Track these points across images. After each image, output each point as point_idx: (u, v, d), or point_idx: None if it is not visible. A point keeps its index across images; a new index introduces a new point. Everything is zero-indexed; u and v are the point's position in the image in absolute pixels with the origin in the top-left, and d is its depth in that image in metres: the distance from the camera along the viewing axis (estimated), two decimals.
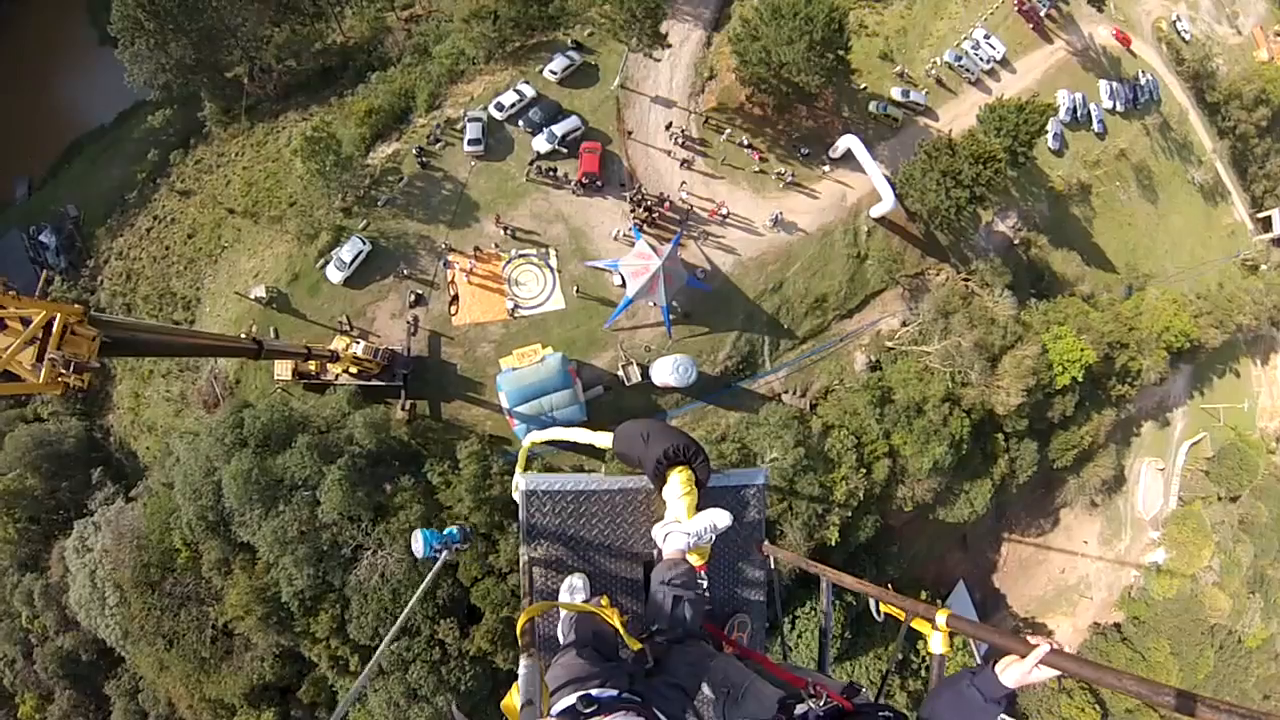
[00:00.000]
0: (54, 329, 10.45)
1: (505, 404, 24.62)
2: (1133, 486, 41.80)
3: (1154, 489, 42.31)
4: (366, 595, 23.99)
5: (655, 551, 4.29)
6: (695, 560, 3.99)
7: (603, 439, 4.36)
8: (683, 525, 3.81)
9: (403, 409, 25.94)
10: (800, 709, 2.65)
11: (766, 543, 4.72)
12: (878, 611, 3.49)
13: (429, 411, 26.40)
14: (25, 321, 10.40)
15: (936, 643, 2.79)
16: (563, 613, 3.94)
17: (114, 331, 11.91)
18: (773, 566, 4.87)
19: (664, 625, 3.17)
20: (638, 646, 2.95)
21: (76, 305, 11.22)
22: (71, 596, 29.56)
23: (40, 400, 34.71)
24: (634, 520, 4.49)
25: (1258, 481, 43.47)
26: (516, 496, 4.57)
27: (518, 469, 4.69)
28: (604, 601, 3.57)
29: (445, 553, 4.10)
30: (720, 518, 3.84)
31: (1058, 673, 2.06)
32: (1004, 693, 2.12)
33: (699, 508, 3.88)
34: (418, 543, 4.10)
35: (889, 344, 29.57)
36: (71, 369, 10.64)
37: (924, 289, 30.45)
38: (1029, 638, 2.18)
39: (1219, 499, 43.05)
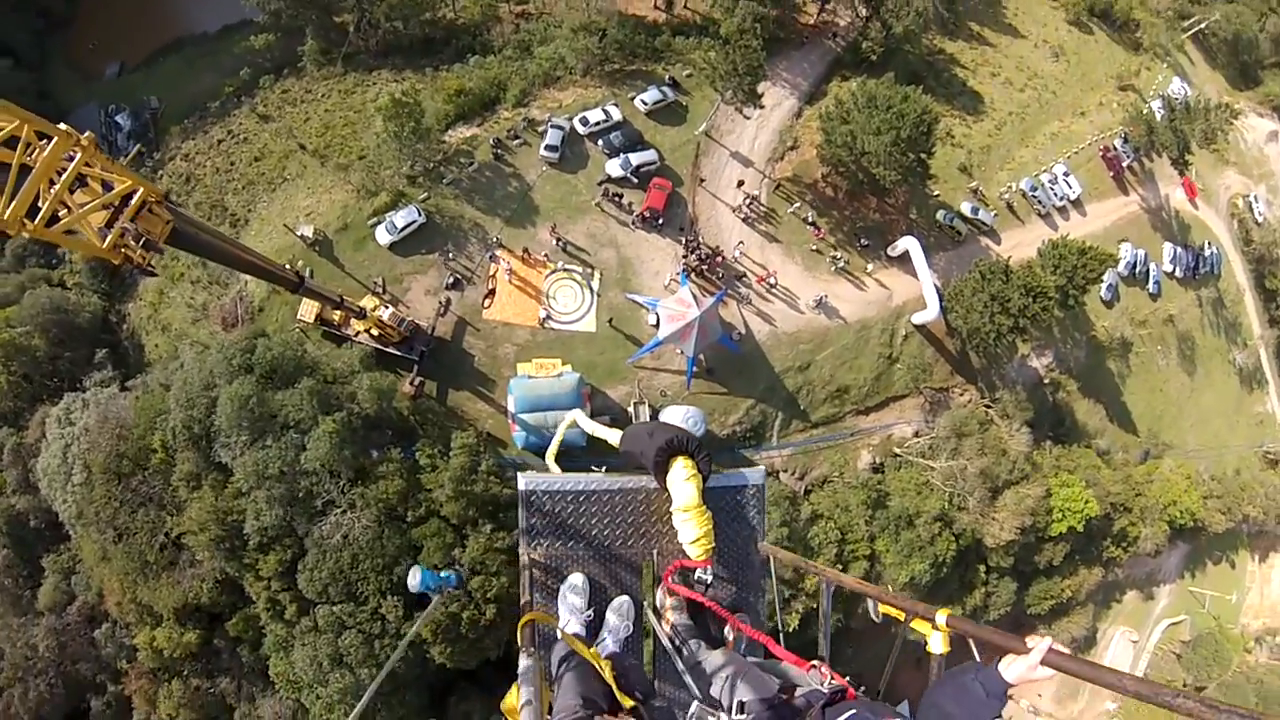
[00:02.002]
0: (133, 202, 10.46)
1: (511, 408, 24.68)
2: (1102, 651, 40.84)
3: (1122, 659, 41.29)
4: (325, 552, 23.84)
5: (654, 552, 4.30)
6: (699, 555, 4.00)
7: (614, 436, 4.61)
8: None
9: (411, 384, 26.06)
10: (802, 690, 2.61)
11: (765, 543, 4.68)
12: (876, 613, 3.48)
13: (435, 393, 26.51)
14: (107, 186, 10.45)
15: (936, 643, 2.77)
16: (558, 635, 3.92)
17: (183, 223, 11.99)
18: (772, 567, 4.85)
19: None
20: (630, 704, 2.92)
21: (159, 187, 11.41)
22: (40, 462, 29.72)
23: (69, 268, 35.31)
24: (634, 520, 4.46)
25: (1227, 677, 42.31)
26: (550, 462, 4.61)
27: (554, 443, 4.85)
28: (595, 652, 3.52)
29: (439, 595, 4.14)
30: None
31: (1055, 672, 2.06)
32: (1006, 688, 2.15)
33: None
34: (414, 578, 4.14)
35: (896, 450, 29.38)
36: (140, 244, 10.74)
37: (944, 405, 30.31)
38: (1028, 639, 2.17)
39: (1185, 685, 41.90)
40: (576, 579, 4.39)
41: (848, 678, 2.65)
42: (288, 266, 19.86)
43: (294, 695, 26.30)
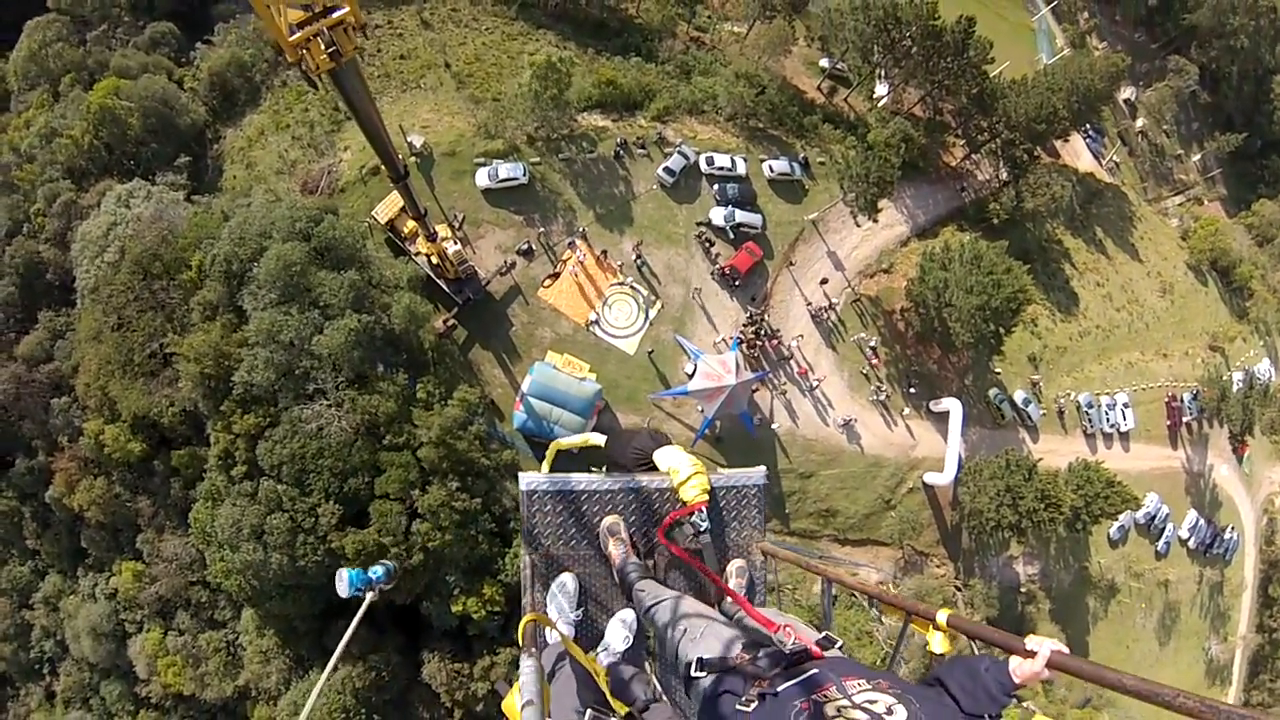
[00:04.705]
0: (334, 15, 10.49)
1: (524, 388, 24.83)
2: None
3: None
4: (296, 433, 24.01)
5: (656, 552, 4.28)
6: (695, 496, 3.98)
7: (598, 437, 4.73)
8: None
9: (444, 322, 26.38)
10: (765, 650, 2.53)
11: (765, 542, 4.63)
12: (877, 613, 3.39)
13: (461, 341, 26.76)
14: None
15: (937, 643, 2.72)
16: (554, 636, 3.83)
17: (354, 63, 11.69)
18: (774, 567, 4.74)
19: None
20: (624, 711, 2.85)
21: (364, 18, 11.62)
22: (83, 226, 30.49)
23: (193, 72, 36.50)
24: (636, 521, 4.42)
25: None
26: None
27: (545, 465, 4.74)
28: (591, 658, 3.47)
29: (370, 593, 4.08)
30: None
31: (1054, 674, 2.06)
32: (1014, 688, 2.15)
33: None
34: (342, 583, 4.09)
35: (855, 590, 28.90)
36: (329, 50, 10.65)
37: (918, 569, 29.82)
38: (1027, 640, 2.18)
39: None
40: (566, 579, 4.36)
41: (825, 634, 2.56)
42: (402, 158, 20.12)
43: (201, 546, 26.40)
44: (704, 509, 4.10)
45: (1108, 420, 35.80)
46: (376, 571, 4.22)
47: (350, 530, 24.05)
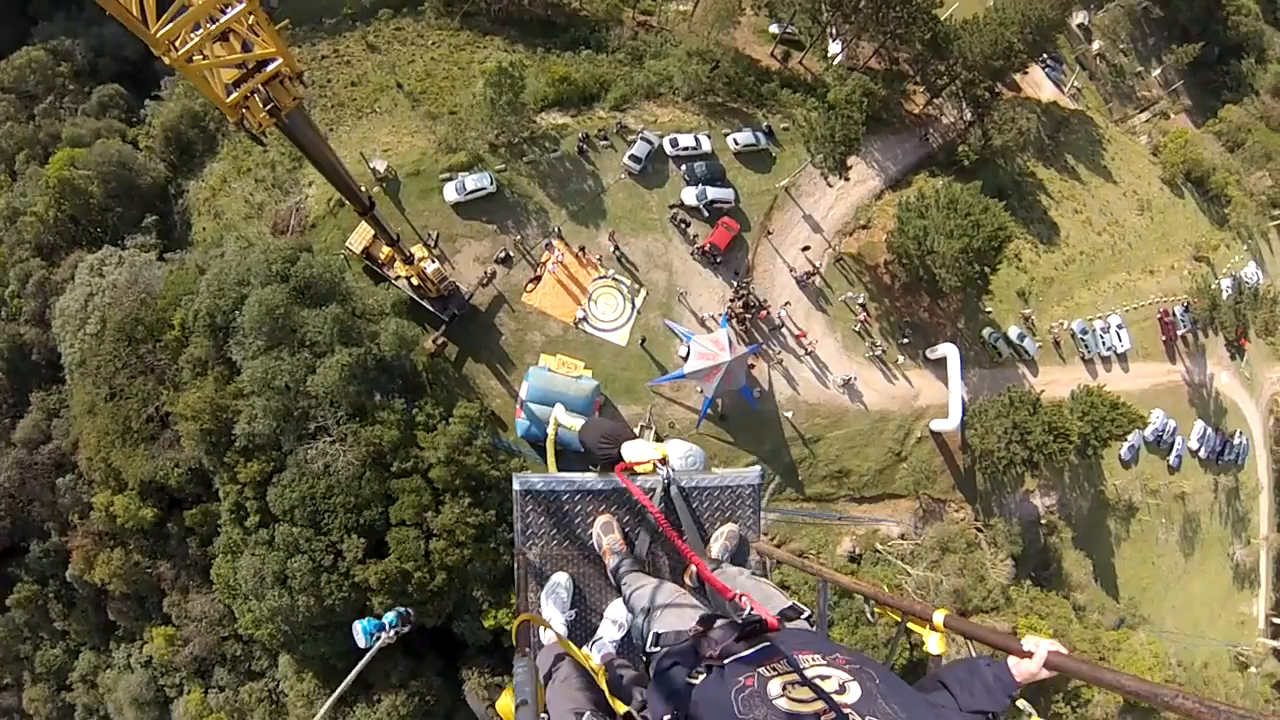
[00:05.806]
0: (268, 69, 10.25)
1: (523, 394, 24.81)
2: None
3: None
4: (304, 475, 23.96)
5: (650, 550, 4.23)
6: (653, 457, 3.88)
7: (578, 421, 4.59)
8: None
9: (434, 342, 26.29)
10: (721, 623, 2.49)
11: (761, 542, 4.60)
12: (872, 613, 3.39)
13: (453, 358, 26.71)
14: (246, 47, 10.24)
15: (934, 644, 2.71)
16: (548, 636, 3.79)
17: (298, 112, 11.44)
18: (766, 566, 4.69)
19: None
20: (623, 710, 2.82)
21: (300, 65, 11.21)
22: (60, 302, 30.24)
23: (146, 130, 36.13)
24: (629, 520, 4.42)
25: None
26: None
27: (549, 455, 4.71)
28: (587, 654, 3.43)
29: (384, 636, 4.04)
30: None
31: (1054, 673, 2.05)
32: (1015, 685, 2.14)
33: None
34: (358, 634, 4.06)
35: (879, 546, 29.10)
36: (267, 108, 10.45)
37: (937, 516, 30.01)
38: (1024, 641, 2.18)
39: None
40: (561, 578, 4.35)
41: (790, 604, 2.52)
42: (364, 190, 19.98)
43: (227, 600, 26.39)
44: (663, 463, 4.05)
45: (1103, 344, 35.97)
46: (389, 617, 4.17)
47: (371, 562, 24.08)
